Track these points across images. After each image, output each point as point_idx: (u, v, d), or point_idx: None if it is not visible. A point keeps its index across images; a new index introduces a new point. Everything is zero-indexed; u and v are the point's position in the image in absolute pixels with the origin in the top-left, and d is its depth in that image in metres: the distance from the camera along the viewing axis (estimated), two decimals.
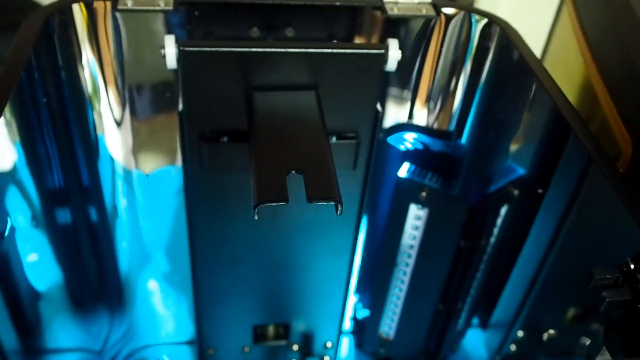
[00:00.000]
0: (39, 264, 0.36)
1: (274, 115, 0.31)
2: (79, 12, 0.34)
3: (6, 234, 0.31)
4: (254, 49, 0.31)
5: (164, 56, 0.31)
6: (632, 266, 0.23)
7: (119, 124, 0.39)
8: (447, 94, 0.40)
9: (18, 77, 0.28)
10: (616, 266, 0.24)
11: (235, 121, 0.34)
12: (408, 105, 0.41)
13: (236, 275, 0.43)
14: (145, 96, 0.39)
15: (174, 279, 0.50)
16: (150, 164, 0.42)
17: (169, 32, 0.35)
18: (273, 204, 0.26)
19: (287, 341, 0.48)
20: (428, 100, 0.41)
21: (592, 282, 0.23)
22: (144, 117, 0.39)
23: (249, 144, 0.30)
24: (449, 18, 0.37)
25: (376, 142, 0.36)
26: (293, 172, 0.27)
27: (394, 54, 0.32)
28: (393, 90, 0.41)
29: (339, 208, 0.26)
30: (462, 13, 0.36)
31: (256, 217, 0.26)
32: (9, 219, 0.30)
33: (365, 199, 0.39)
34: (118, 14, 0.34)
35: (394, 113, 0.42)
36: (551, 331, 0.41)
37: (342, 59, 0.32)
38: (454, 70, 0.39)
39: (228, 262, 0.42)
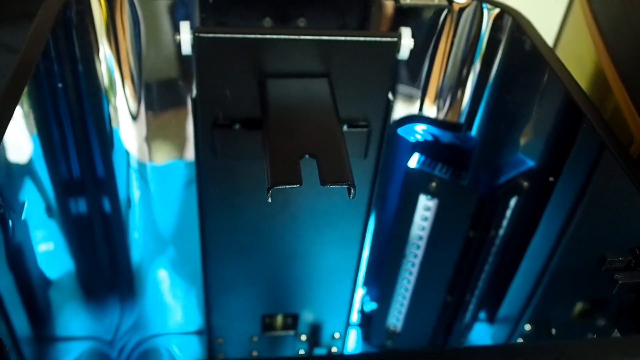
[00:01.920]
0: (52, 253, 0.36)
1: (287, 101, 0.32)
2: (95, 1, 0.35)
3: (22, 217, 0.31)
4: (267, 36, 0.32)
5: (179, 42, 0.31)
6: None
7: (134, 116, 0.40)
8: (458, 85, 0.40)
9: (36, 62, 0.28)
10: (629, 249, 0.24)
11: (249, 108, 0.34)
12: (419, 96, 0.41)
13: (246, 265, 0.43)
14: (160, 87, 0.39)
15: (184, 269, 0.50)
16: (164, 156, 0.43)
17: (184, 19, 0.35)
18: (287, 186, 0.26)
19: (295, 331, 0.49)
20: (439, 92, 0.41)
21: (604, 265, 0.23)
22: (158, 110, 0.40)
23: (262, 130, 0.31)
24: (461, 8, 0.37)
25: (387, 131, 0.36)
26: (307, 156, 0.28)
27: (407, 42, 0.33)
28: (404, 81, 0.41)
29: (352, 191, 0.27)
30: (474, 3, 0.36)
31: (270, 200, 0.26)
32: (26, 201, 0.30)
33: (375, 189, 0.39)
34: (135, 2, 0.35)
35: (404, 104, 0.42)
36: (559, 326, 0.41)
37: (355, 47, 0.33)
38: (466, 61, 0.39)
39: (238, 251, 0.42)
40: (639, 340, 0.16)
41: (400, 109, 0.42)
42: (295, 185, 0.26)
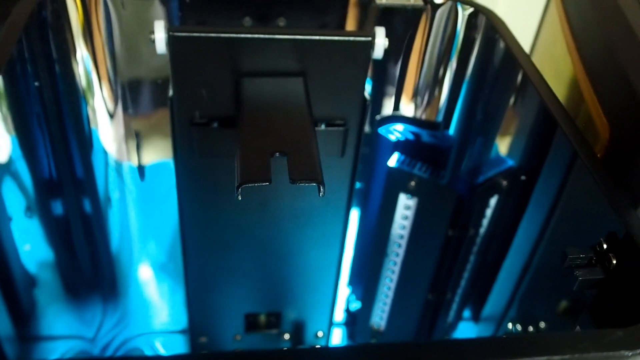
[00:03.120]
0: (33, 253, 0.36)
1: (261, 100, 0.32)
2: (71, 0, 0.35)
3: (2, 217, 0.31)
4: (242, 35, 0.32)
5: (153, 41, 0.31)
6: (605, 246, 0.23)
7: (112, 116, 0.40)
8: (434, 84, 0.41)
9: (6, 60, 0.28)
10: (590, 246, 0.24)
11: (226, 107, 0.34)
12: (397, 95, 0.42)
13: (227, 264, 0.43)
14: (138, 87, 0.39)
15: (167, 268, 0.50)
16: (143, 155, 0.43)
17: (162, 19, 0.35)
18: (256, 184, 0.26)
19: (278, 330, 0.49)
20: (416, 91, 0.41)
21: (566, 261, 0.24)
22: (136, 110, 0.40)
23: (236, 128, 0.31)
24: (436, 8, 0.37)
25: (364, 129, 0.37)
26: (277, 154, 0.28)
27: (381, 41, 0.33)
28: (382, 81, 0.41)
29: (322, 189, 0.27)
30: (449, 3, 0.37)
31: (240, 198, 0.26)
32: (5, 201, 0.30)
33: (354, 187, 0.39)
34: (110, 2, 0.35)
35: (383, 104, 0.42)
36: (542, 323, 0.41)
37: (329, 46, 0.33)
38: (442, 60, 0.39)
39: (219, 249, 0.42)
40: (582, 335, 0.16)
41: (380, 109, 0.42)
42: (264, 183, 0.27)
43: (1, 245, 0.32)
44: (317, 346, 0.51)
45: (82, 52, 0.36)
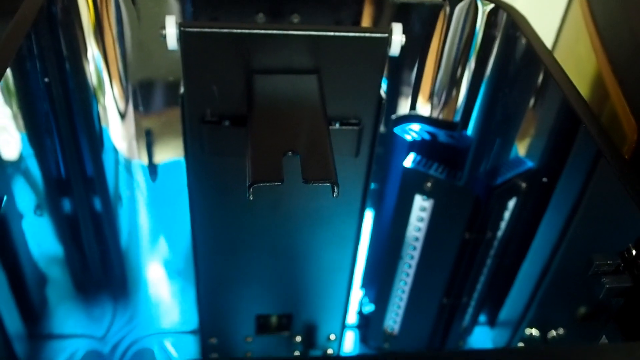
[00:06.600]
0: (43, 251, 0.36)
1: (273, 98, 0.31)
2: None
3: (13, 215, 0.31)
4: (255, 31, 0.31)
5: (164, 37, 0.31)
6: (634, 252, 0.22)
7: (122, 115, 0.39)
8: (452, 83, 0.40)
9: (13, 55, 0.28)
10: (617, 252, 0.23)
11: (237, 105, 0.34)
12: (414, 94, 0.41)
13: (238, 264, 0.43)
14: (148, 85, 0.38)
15: (178, 267, 0.50)
16: (154, 154, 0.42)
17: (174, 14, 0.35)
18: (268, 183, 0.26)
19: (290, 332, 0.48)
20: (433, 89, 0.40)
21: (592, 268, 0.23)
22: (147, 108, 0.39)
23: (247, 126, 0.30)
24: (455, 4, 0.36)
25: (379, 129, 0.36)
26: (290, 153, 0.27)
27: (398, 38, 0.32)
28: (399, 79, 0.40)
29: (335, 189, 0.26)
30: None
31: (251, 198, 0.26)
32: (16, 199, 0.30)
33: (368, 187, 0.39)
34: None
35: (399, 103, 0.41)
36: (561, 329, 0.40)
37: (345, 43, 0.32)
38: (460, 58, 0.38)
39: (230, 250, 0.42)
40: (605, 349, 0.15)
41: (396, 108, 0.41)
42: (277, 183, 0.26)
43: (11, 244, 0.31)
44: (329, 351, 0.50)
45: (92, 49, 0.36)
